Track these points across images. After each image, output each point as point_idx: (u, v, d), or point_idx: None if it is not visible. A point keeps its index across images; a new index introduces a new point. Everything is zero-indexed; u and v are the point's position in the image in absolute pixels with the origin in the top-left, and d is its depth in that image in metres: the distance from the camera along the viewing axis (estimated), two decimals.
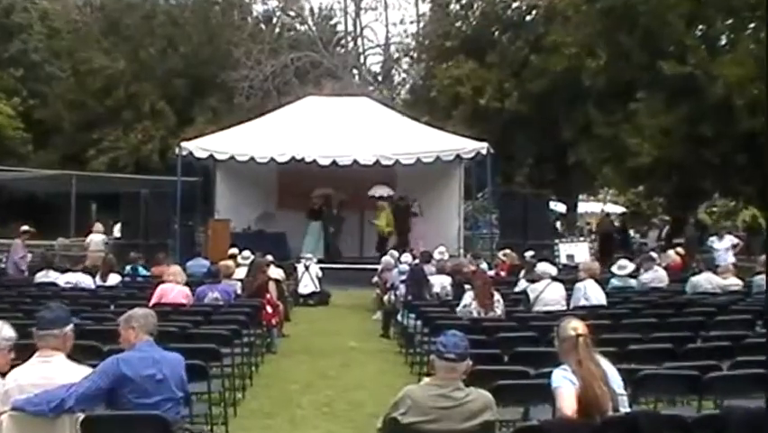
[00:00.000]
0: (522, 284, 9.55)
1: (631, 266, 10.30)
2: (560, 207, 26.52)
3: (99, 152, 26.23)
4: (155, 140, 26.25)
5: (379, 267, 12.44)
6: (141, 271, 12.20)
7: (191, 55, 27.63)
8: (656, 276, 10.17)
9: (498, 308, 7.72)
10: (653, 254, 11.66)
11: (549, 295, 8.20)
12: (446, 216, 17.71)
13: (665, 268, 10.87)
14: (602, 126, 18.87)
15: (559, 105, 20.92)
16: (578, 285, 8.43)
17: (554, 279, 8.57)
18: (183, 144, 16.10)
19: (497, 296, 7.79)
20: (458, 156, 16.31)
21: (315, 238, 16.91)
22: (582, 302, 8.19)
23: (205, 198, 18.28)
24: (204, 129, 22.30)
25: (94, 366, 3.97)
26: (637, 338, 6.34)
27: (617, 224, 22.41)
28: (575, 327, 3.85)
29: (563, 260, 16.12)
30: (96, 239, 15.93)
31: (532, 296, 8.31)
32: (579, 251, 16.69)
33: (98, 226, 16.44)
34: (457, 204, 18.21)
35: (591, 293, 8.26)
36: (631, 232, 22.90)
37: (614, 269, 10.23)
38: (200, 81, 27.54)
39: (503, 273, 12.25)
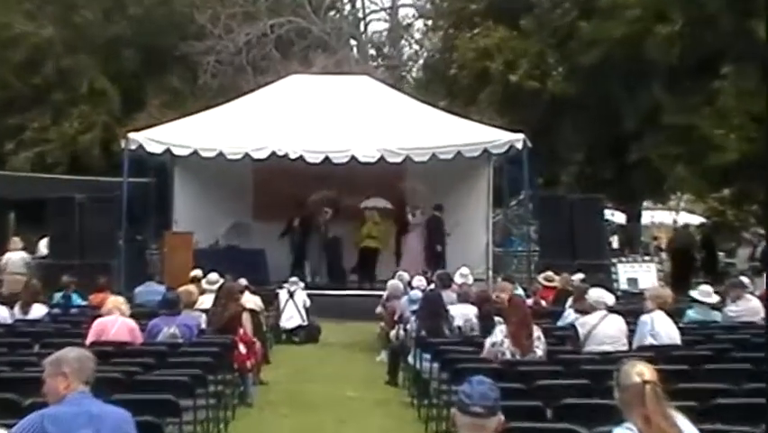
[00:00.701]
0: (569, 316, 9.51)
1: (715, 294, 10.24)
2: (618, 218, 26.46)
3: (21, 144, 26.28)
4: (95, 129, 26.31)
5: (384, 294, 12.43)
6: (76, 299, 12.19)
7: (142, 20, 27.63)
8: (748, 307, 10.09)
9: (539, 348, 7.68)
10: (744, 279, 11.58)
11: (605, 330, 8.16)
12: (471, 228, 17.76)
13: (759, 297, 10.79)
14: (674, 113, 18.82)
15: (617, 86, 20.89)
16: (643, 318, 8.39)
17: (612, 310, 8.52)
18: (131, 136, 16.17)
19: (537, 332, 7.76)
20: (485, 151, 16.35)
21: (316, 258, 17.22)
22: (649, 340, 8.15)
23: (161, 204, 18.31)
24: (159, 116, 22.37)
25: (10, 427, 3.95)
26: (724, 389, 6.29)
27: (697, 238, 22.31)
28: (641, 372, 3.82)
29: (623, 285, 16.08)
30: (15, 258, 15.91)
31: (582, 332, 8.27)
32: (644, 273, 16.64)
33: (17, 242, 16.45)
34: (484, 212, 18.27)
35: (661, 329, 8.23)
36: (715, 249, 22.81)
37: (693, 296, 10.17)
38: (154, 54, 27.60)
39: (544, 302, 12.22)
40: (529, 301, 11.53)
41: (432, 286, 12.00)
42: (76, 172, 23.77)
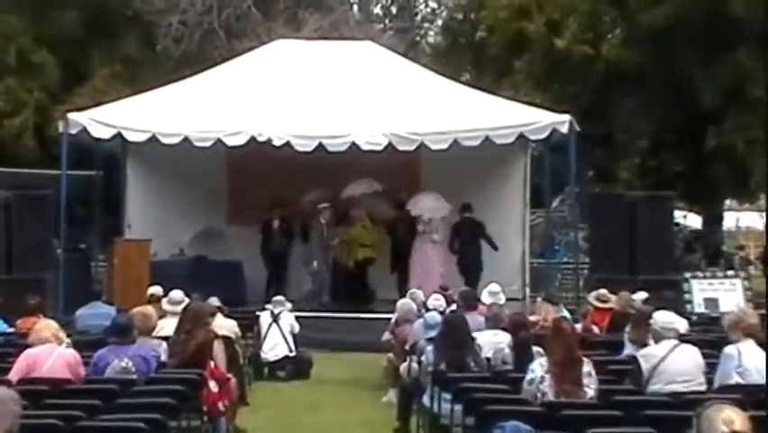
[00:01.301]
0: (629, 347, 9.47)
1: None
2: (692, 221, 26.39)
3: None
4: (26, 109, 26.35)
5: (393, 317, 12.41)
6: (1, 325, 12.19)
7: None
8: None
9: (590, 387, 7.65)
10: None
11: (675, 365, 8.12)
12: (502, 233, 17.76)
13: None
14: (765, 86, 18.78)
15: (691, 52, 20.87)
16: (727, 350, 8.33)
17: (684, 339, 8.47)
18: (72, 117, 16.18)
19: (587, 366, 7.72)
20: (521, 136, 16.35)
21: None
22: (736, 379, 8.11)
23: (109, 204, 18.32)
24: (106, 91, 22.38)
25: None
26: None
27: None
28: (729, 419, 3.80)
29: (699, 307, 16.00)
30: None
31: (646, 366, 8.23)
32: (726, 293, 16.55)
33: None
34: (520, 214, 18.32)
35: (751, 363, 8.16)
36: None
37: None
38: (99, 13, 27.67)
39: (596, 329, 12.19)
40: (577, 327, 11.51)
41: (453, 307, 11.96)
42: (0, 164, 23.78)
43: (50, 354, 8.26)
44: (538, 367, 7.72)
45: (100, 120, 16.16)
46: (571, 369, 7.59)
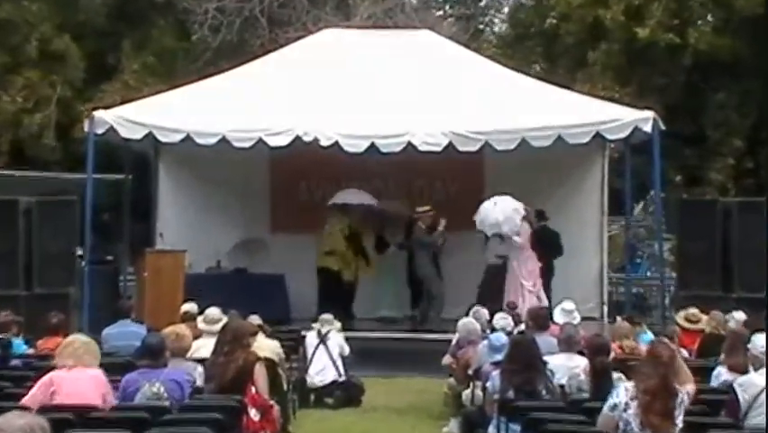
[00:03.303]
0: (722, 375, 9.36)
1: None
2: None
3: None
4: (48, 106, 26.69)
5: (454, 337, 12.39)
6: (19, 346, 12.27)
7: None
8: None
9: (678, 419, 7.55)
10: None
11: None
12: (577, 245, 17.72)
13: None
14: None
15: None
16: None
17: None
18: (99, 115, 16.30)
19: (681, 395, 7.62)
20: (598, 135, 16.25)
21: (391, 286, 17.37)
22: None
23: (139, 211, 18.47)
24: (136, 87, 22.59)
25: None
26: None
27: None
28: None
29: None
30: None
31: (744, 397, 8.13)
32: None
33: None
34: (597, 223, 18.30)
35: None
36: None
37: None
38: (130, 0, 27.93)
39: (686, 353, 12.06)
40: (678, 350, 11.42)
41: (522, 327, 11.93)
42: (20, 166, 24.09)
43: (76, 376, 8.29)
44: (623, 392, 7.62)
45: (130, 118, 16.24)
46: (663, 400, 7.48)
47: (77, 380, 8.27)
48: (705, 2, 21.71)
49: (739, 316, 12.40)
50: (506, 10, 32.91)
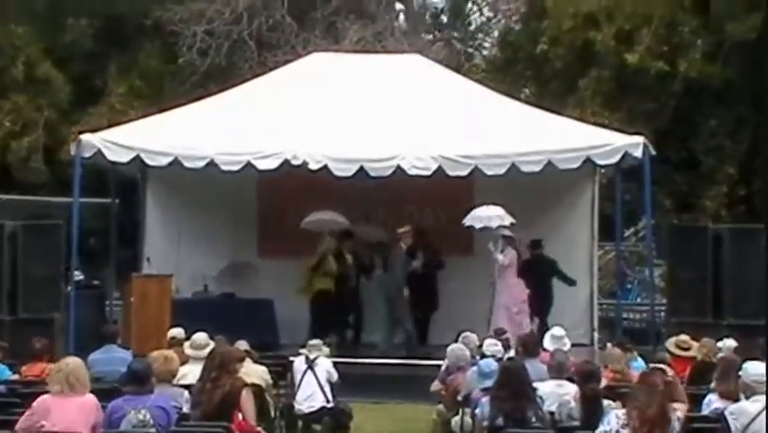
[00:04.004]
0: (713, 402, 9.36)
1: None
2: None
3: None
4: (34, 130, 26.70)
5: (443, 364, 12.37)
6: (3, 371, 12.25)
7: None
8: None
9: None
10: None
11: None
12: (567, 269, 17.68)
13: None
14: None
15: None
16: None
17: None
18: (85, 138, 16.25)
19: (673, 420, 7.62)
20: (588, 160, 16.32)
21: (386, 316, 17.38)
22: None
23: (126, 235, 18.46)
24: (123, 111, 22.60)
25: None
26: None
27: None
28: None
29: None
30: None
31: (736, 425, 8.13)
32: None
33: None
34: (587, 248, 18.30)
35: None
36: None
37: None
38: (116, 23, 28.06)
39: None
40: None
41: (511, 353, 11.93)
42: (5, 189, 24.05)
43: (63, 403, 8.27)
44: (614, 419, 7.64)
45: (117, 142, 16.22)
46: (661, 428, 7.49)
47: (66, 407, 8.25)
48: (695, 28, 21.79)
49: (730, 343, 12.41)
50: (495, 34, 33.06)
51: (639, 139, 15.96)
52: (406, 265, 17.28)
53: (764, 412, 8.09)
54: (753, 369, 8.53)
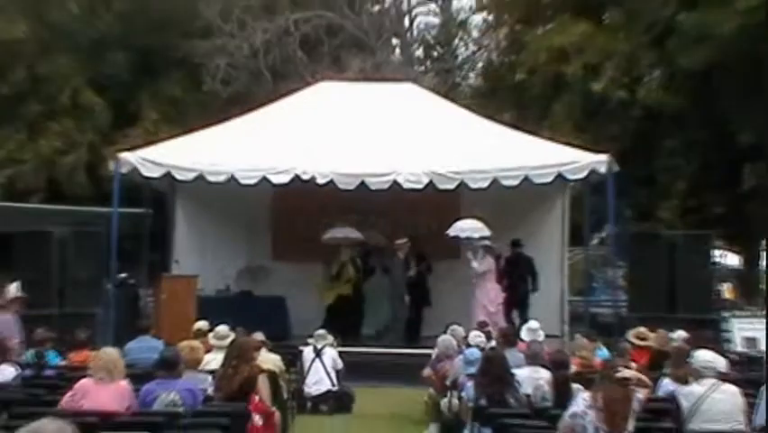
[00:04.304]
0: (667, 385, 9.38)
1: None
2: (731, 260, 26.09)
3: None
4: (79, 149, 26.76)
5: (433, 353, 12.39)
6: (52, 358, 12.26)
7: (135, 15, 28.13)
8: None
9: (631, 424, 7.55)
10: None
11: (716, 404, 8.01)
12: (541, 272, 17.69)
13: None
14: None
15: (729, 94, 20.78)
16: (763, 388, 8.23)
17: (724, 378, 8.37)
18: (123, 156, 16.37)
19: (636, 399, 7.61)
20: (560, 176, 16.31)
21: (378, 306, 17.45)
22: None
23: (158, 241, 18.49)
24: (156, 132, 22.63)
25: None
26: None
27: None
28: None
29: (740, 346, 15.84)
30: None
31: (686, 405, 8.14)
32: (765, 332, 16.41)
33: None
34: (558, 252, 18.29)
35: None
36: None
37: None
38: (149, 56, 28.07)
39: (635, 366, 12.07)
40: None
41: (493, 343, 11.94)
42: (54, 201, 24.09)
43: (100, 386, 8.30)
44: (581, 401, 7.65)
45: (150, 159, 16.33)
46: (622, 408, 7.49)
47: (102, 391, 8.28)
48: (652, 61, 21.83)
49: (682, 334, 12.44)
50: (479, 66, 33.09)
51: (604, 157, 16.00)
52: (404, 272, 17.35)
53: (711, 393, 8.12)
54: (701, 356, 8.55)
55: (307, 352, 13.79)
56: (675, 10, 21.19)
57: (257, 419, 8.96)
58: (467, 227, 16.59)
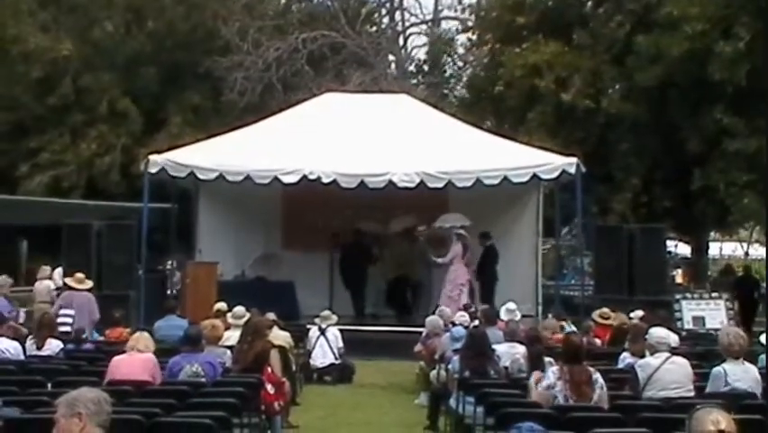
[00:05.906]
0: (627, 358, 9.40)
1: None
2: (682, 249, 26.13)
3: (35, 167, 26.58)
4: (114, 151, 26.69)
5: (424, 330, 12.40)
6: (93, 334, 12.29)
7: (163, 34, 28.17)
8: None
9: (596, 392, 7.56)
10: None
11: (668, 374, 8.02)
12: (518, 259, 17.73)
13: None
14: (741, 137, 18.65)
15: (679, 106, 20.79)
16: (715, 371, 8.18)
17: (675, 352, 8.36)
18: (152, 158, 16.33)
19: (595, 375, 7.63)
20: (535, 176, 16.28)
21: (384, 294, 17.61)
22: (724, 389, 7.98)
23: (183, 232, 18.47)
24: (181, 137, 22.58)
25: None
26: None
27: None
28: (716, 420, 3.73)
29: (689, 324, 15.88)
30: (40, 287, 16.40)
31: (642, 375, 8.14)
32: (711, 312, 16.44)
33: (45, 270, 16.93)
34: (532, 243, 18.24)
35: (735, 380, 8.01)
36: None
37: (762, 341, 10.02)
38: (176, 70, 28.05)
39: (598, 342, 12.09)
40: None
41: (476, 322, 11.95)
42: (93, 197, 24.10)
43: (132, 359, 8.35)
44: (551, 374, 7.66)
45: (176, 161, 16.32)
46: (583, 377, 7.51)
47: (133, 362, 8.37)
48: (614, 76, 21.82)
49: (639, 313, 12.48)
50: (464, 79, 33.04)
51: (573, 159, 15.99)
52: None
53: (664, 365, 8.13)
54: (655, 333, 8.55)
55: (313, 330, 13.82)
56: (631, 32, 21.20)
57: (269, 388, 8.98)
58: (450, 219, 16.77)
